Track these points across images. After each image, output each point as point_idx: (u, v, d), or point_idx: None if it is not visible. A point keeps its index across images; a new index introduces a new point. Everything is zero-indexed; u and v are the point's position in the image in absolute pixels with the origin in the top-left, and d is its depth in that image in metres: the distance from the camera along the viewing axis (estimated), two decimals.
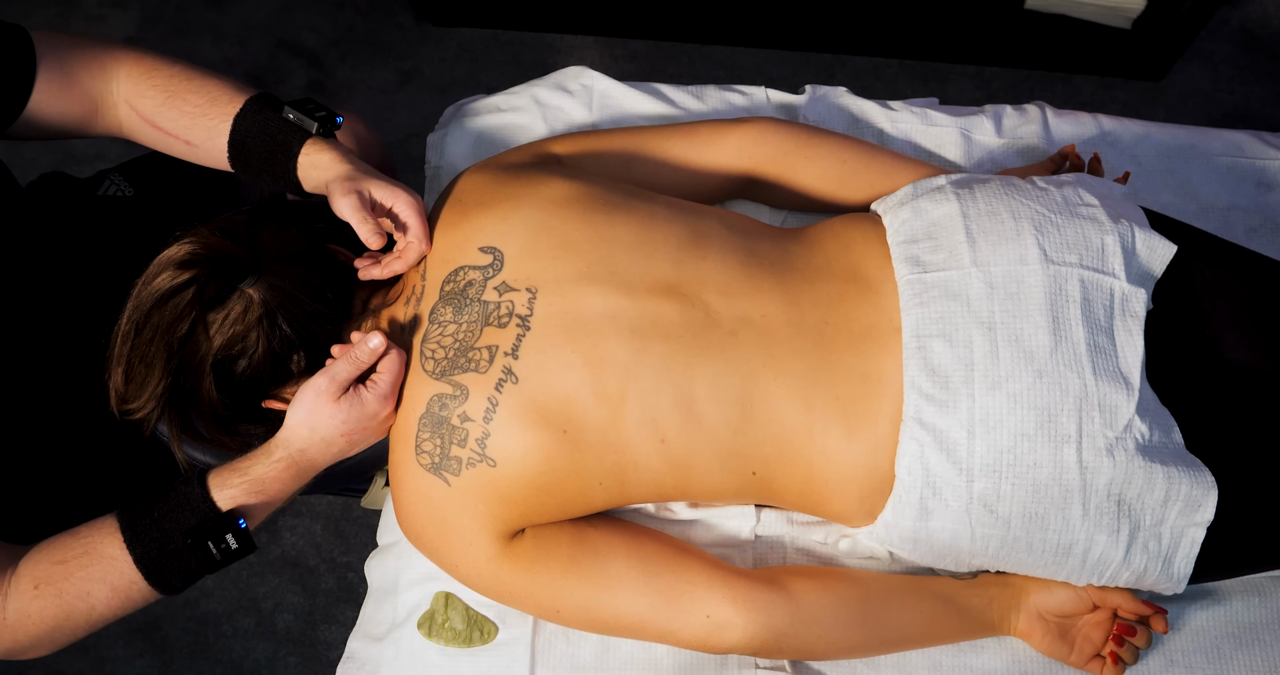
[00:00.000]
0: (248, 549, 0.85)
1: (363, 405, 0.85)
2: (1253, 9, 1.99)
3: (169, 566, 0.84)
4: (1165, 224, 0.96)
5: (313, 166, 0.92)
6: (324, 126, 0.94)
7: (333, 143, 0.94)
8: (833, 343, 0.88)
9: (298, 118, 0.94)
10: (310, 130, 0.93)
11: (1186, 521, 0.85)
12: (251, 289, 0.84)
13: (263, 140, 0.93)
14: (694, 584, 0.89)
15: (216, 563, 0.85)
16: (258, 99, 0.95)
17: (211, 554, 0.84)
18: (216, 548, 0.84)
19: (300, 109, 0.94)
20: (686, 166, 1.04)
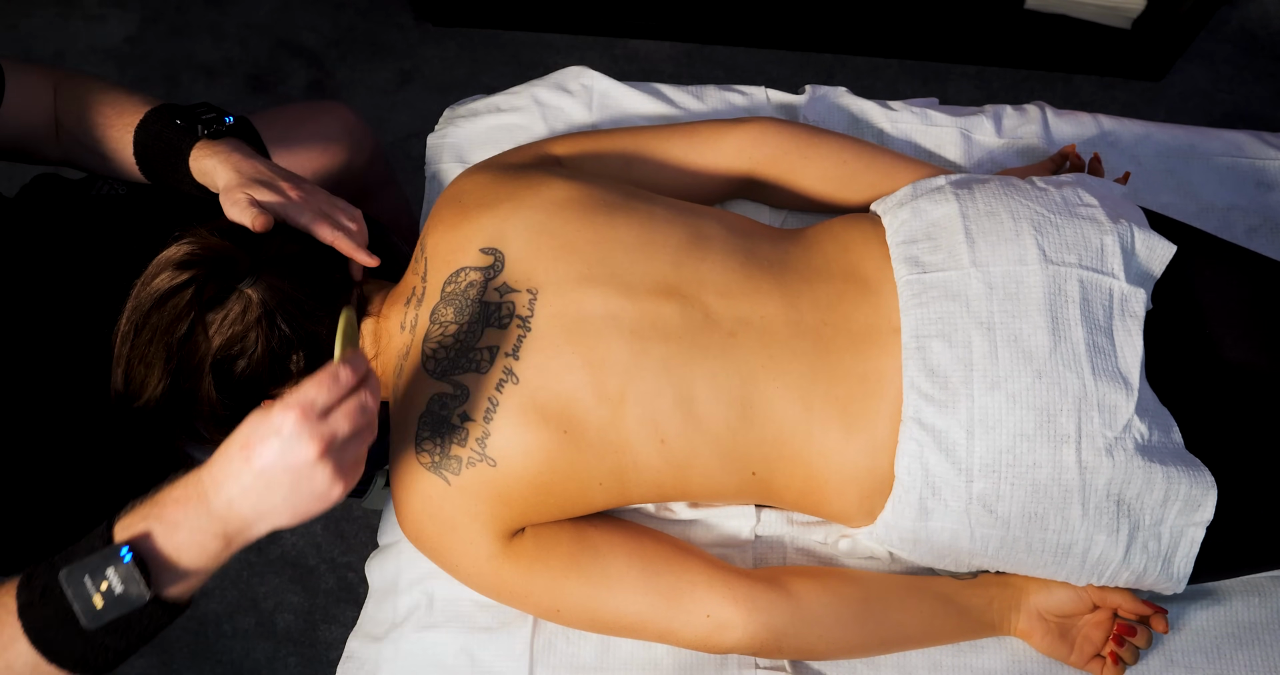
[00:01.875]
0: (132, 597, 0.65)
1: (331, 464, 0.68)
2: (1253, 9, 1.99)
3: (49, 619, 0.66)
4: (1165, 224, 0.96)
5: (202, 172, 0.92)
6: (208, 128, 0.95)
7: (224, 144, 0.94)
8: (832, 343, 0.88)
9: (185, 123, 0.95)
10: (197, 134, 0.94)
11: (1186, 521, 0.85)
12: (250, 289, 0.84)
13: (159, 148, 0.95)
14: (694, 584, 0.89)
15: (96, 614, 0.65)
16: (158, 109, 0.97)
17: (88, 602, 0.65)
18: (97, 588, 0.65)
19: (192, 114, 0.95)
20: (686, 167, 1.04)
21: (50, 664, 0.66)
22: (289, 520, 0.69)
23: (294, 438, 0.66)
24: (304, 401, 0.67)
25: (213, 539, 0.68)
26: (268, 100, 2.01)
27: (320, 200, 0.90)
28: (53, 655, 0.66)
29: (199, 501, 0.68)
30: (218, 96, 2.01)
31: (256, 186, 0.87)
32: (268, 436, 0.66)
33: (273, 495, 0.67)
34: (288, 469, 0.67)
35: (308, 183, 0.92)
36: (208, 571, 0.70)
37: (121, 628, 0.67)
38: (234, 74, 2.03)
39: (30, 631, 0.66)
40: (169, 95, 2.00)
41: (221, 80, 2.02)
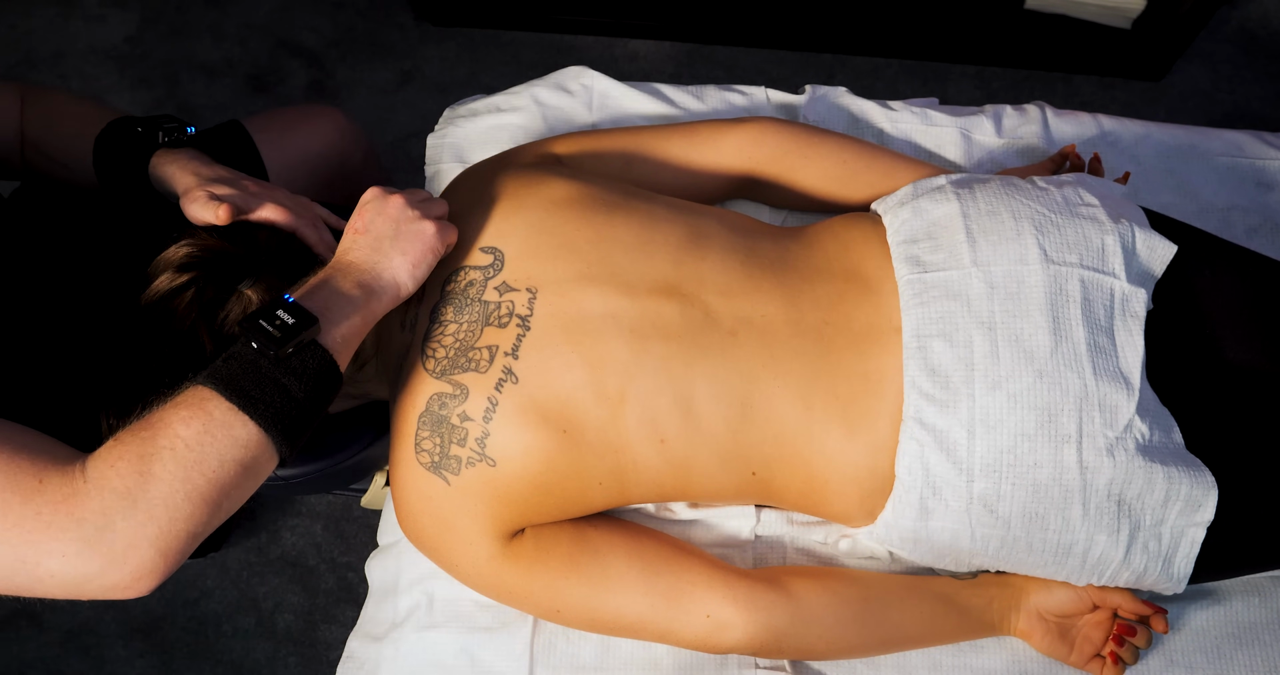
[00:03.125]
0: (306, 322, 0.74)
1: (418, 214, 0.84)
2: (1253, 9, 1.99)
3: (233, 368, 0.72)
4: (1165, 224, 0.96)
5: (160, 180, 0.93)
6: (169, 136, 0.96)
7: (183, 153, 0.94)
8: (832, 342, 0.88)
9: (145, 132, 0.95)
10: (157, 142, 0.95)
11: (1186, 521, 0.85)
12: (250, 289, 0.84)
13: (118, 156, 0.95)
14: (694, 584, 0.89)
15: (277, 341, 0.72)
16: (120, 119, 0.97)
17: (269, 333, 0.72)
18: (271, 324, 0.72)
19: (153, 123, 0.96)
20: (686, 166, 1.04)
21: (244, 413, 0.71)
22: (404, 261, 0.82)
23: (382, 198, 0.84)
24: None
25: (351, 287, 0.79)
26: (268, 100, 2.01)
27: (280, 195, 0.91)
28: (246, 401, 0.71)
29: (328, 269, 0.81)
30: (218, 96, 2.01)
31: (215, 185, 0.88)
32: (363, 210, 0.83)
33: (383, 242, 0.82)
34: (387, 218, 0.83)
35: (266, 182, 0.92)
36: (359, 324, 0.79)
37: (296, 368, 0.73)
38: (234, 74, 2.03)
39: (220, 383, 0.71)
40: (169, 95, 2.01)
41: (221, 80, 2.02)
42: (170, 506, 0.68)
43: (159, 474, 0.68)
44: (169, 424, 0.70)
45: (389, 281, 0.81)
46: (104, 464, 0.69)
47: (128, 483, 0.68)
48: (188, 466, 0.69)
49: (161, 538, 0.68)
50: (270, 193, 0.90)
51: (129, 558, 0.67)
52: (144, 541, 0.67)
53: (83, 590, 0.68)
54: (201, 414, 0.70)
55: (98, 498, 0.67)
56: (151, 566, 0.68)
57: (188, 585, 1.65)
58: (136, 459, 0.68)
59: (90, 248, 1.03)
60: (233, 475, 0.70)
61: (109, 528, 0.67)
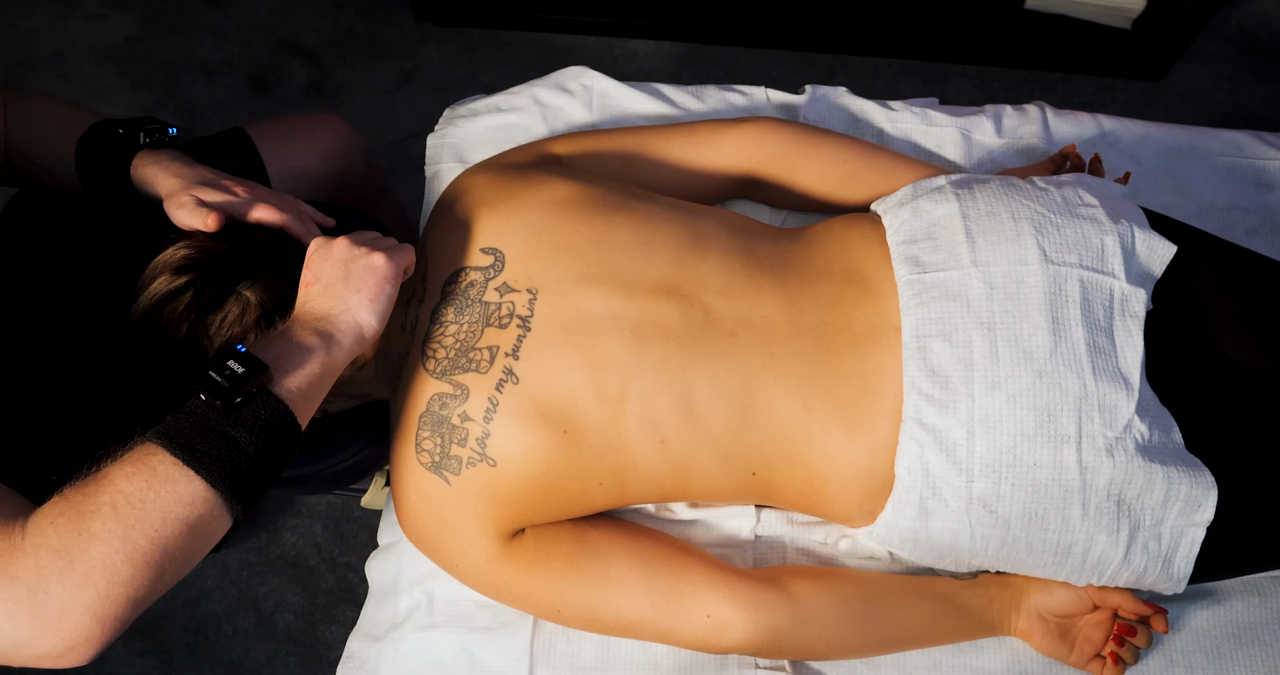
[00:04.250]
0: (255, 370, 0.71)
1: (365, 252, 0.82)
2: (1253, 9, 1.99)
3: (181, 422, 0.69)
4: (1165, 224, 0.96)
5: (142, 181, 0.93)
6: (150, 138, 0.95)
7: (164, 154, 0.94)
8: (832, 343, 0.88)
9: (127, 133, 0.95)
10: (138, 143, 0.95)
11: (1186, 521, 0.85)
12: (248, 291, 0.84)
13: (100, 158, 0.95)
14: (694, 584, 0.89)
15: (224, 390, 0.69)
16: (103, 122, 0.97)
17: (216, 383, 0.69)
18: (220, 375, 0.69)
19: (135, 125, 0.96)
20: (687, 166, 1.04)
21: (188, 467, 0.67)
22: (360, 299, 0.80)
23: (325, 246, 0.83)
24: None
25: (308, 336, 0.76)
26: (268, 100, 2.01)
27: (265, 194, 0.91)
28: (190, 455, 0.67)
29: (287, 322, 0.79)
30: (218, 97, 2.01)
31: (201, 188, 0.87)
32: (310, 263, 0.82)
33: (334, 286, 0.80)
34: (334, 262, 0.81)
35: (250, 182, 0.92)
36: (318, 374, 0.75)
37: (247, 420, 0.70)
38: (234, 74, 2.03)
39: (165, 437, 0.68)
40: (169, 95, 2.01)
41: (221, 80, 2.02)
42: (109, 568, 0.64)
43: (98, 532, 0.64)
44: (112, 480, 0.66)
45: (348, 324, 0.78)
46: (44, 520, 0.65)
47: (65, 541, 0.64)
48: (128, 525, 0.65)
49: (98, 603, 0.63)
50: (255, 191, 0.90)
51: (62, 624, 0.63)
52: (79, 606, 0.63)
53: (13, 656, 0.64)
54: (145, 469, 0.67)
55: (33, 556, 0.63)
56: (87, 634, 0.64)
57: (188, 585, 1.65)
58: (76, 515, 0.65)
59: (87, 256, 1.03)
60: (176, 534, 0.66)
61: (42, 589, 0.63)
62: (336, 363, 0.77)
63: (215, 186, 0.88)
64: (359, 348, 0.79)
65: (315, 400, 0.76)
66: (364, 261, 0.81)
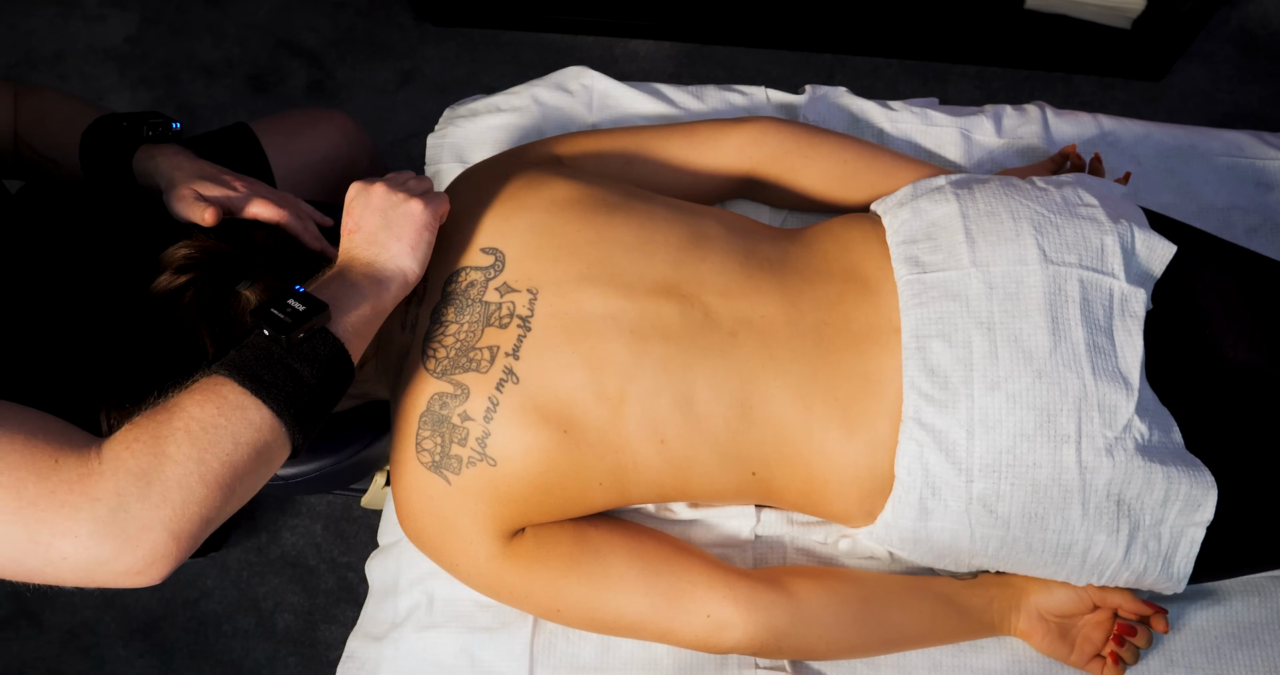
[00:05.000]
0: (316, 308, 0.75)
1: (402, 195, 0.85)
2: (1253, 9, 1.99)
3: (246, 356, 0.73)
4: (1165, 224, 0.96)
5: (144, 174, 0.94)
6: (153, 131, 0.96)
7: (167, 148, 0.95)
8: (832, 343, 0.88)
9: (131, 126, 0.96)
10: (141, 136, 0.95)
11: (1186, 521, 0.85)
12: (248, 290, 0.83)
13: (103, 151, 0.96)
14: (694, 584, 0.89)
15: (288, 326, 0.73)
16: (107, 115, 0.98)
17: (279, 319, 0.73)
18: (283, 312, 0.74)
19: (138, 119, 0.97)
20: (687, 167, 1.04)
21: (256, 396, 0.71)
22: (401, 247, 0.83)
23: (364, 192, 0.85)
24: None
25: (359, 278, 0.81)
26: (268, 100, 2.01)
27: (264, 190, 0.91)
28: (259, 384, 0.71)
29: (335, 267, 0.82)
30: (218, 96, 2.01)
31: (201, 182, 0.88)
32: (351, 209, 0.85)
33: (377, 234, 0.83)
34: (373, 210, 0.84)
35: (250, 178, 0.93)
36: (369, 314, 0.80)
37: (308, 354, 0.74)
38: (234, 74, 2.03)
39: (233, 369, 0.71)
40: (169, 95, 2.01)
41: (221, 80, 2.02)
42: (185, 488, 0.67)
43: (173, 455, 0.68)
44: (184, 407, 0.70)
45: (394, 270, 0.82)
46: (119, 445, 0.68)
47: (142, 463, 0.67)
48: (202, 448, 0.68)
49: (175, 520, 0.67)
50: (254, 188, 0.90)
51: (142, 540, 0.66)
52: (158, 524, 0.67)
53: (95, 575, 0.67)
54: (216, 397, 0.70)
55: (112, 478, 0.67)
56: (165, 551, 0.67)
57: (188, 585, 1.65)
58: (151, 440, 0.68)
59: (95, 245, 1.03)
60: (246, 459, 0.70)
61: (123, 508, 0.66)
62: (385, 306, 0.82)
63: (215, 181, 0.89)
64: (403, 292, 0.83)
65: (365, 339, 0.80)
66: (402, 209, 0.84)
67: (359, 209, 0.85)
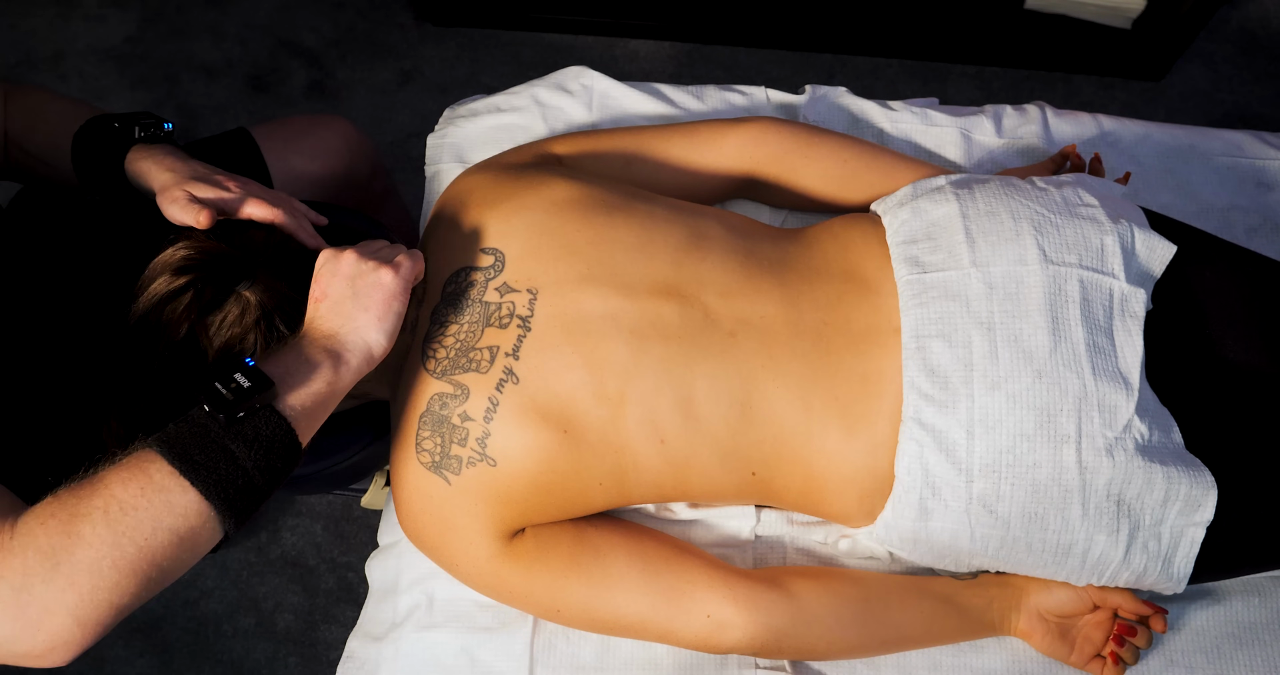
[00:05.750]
0: (261, 385, 0.71)
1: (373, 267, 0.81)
2: (1253, 9, 1.99)
3: (182, 431, 0.70)
4: (1165, 224, 0.96)
5: (136, 175, 0.93)
6: (145, 131, 0.95)
7: (159, 148, 0.94)
8: (832, 343, 0.88)
9: (122, 127, 0.95)
10: (133, 137, 0.95)
11: (1186, 521, 0.85)
12: (248, 291, 0.83)
13: (95, 152, 0.95)
14: (694, 584, 0.89)
15: (228, 403, 0.69)
16: (99, 116, 0.97)
17: (221, 395, 0.69)
18: (226, 387, 0.70)
19: (130, 120, 0.96)
20: (687, 166, 1.04)
21: (184, 478, 0.67)
22: (369, 318, 0.79)
23: (333, 260, 0.82)
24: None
25: (317, 354, 0.76)
26: (268, 100, 2.01)
27: (257, 189, 0.90)
28: (188, 465, 0.67)
29: (297, 337, 0.79)
30: (218, 96, 2.01)
31: (194, 183, 0.87)
32: (319, 277, 0.81)
33: (343, 304, 0.80)
34: (341, 278, 0.81)
35: (243, 178, 0.92)
36: (323, 392, 0.75)
37: (247, 435, 0.70)
38: (234, 74, 2.03)
39: (165, 445, 0.68)
40: (169, 95, 2.01)
41: (221, 80, 2.02)
42: (94, 573, 0.64)
43: (87, 536, 0.64)
44: (107, 484, 0.66)
45: (357, 344, 0.78)
46: (35, 521, 0.65)
47: (54, 542, 0.64)
48: (118, 532, 0.65)
49: (81, 607, 0.64)
50: (248, 188, 0.89)
51: (43, 625, 0.63)
52: (62, 609, 0.64)
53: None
54: (141, 476, 0.67)
55: (21, 556, 0.64)
56: (67, 637, 0.64)
57: (188, 585, 1.65)
58: (67, 518, 0.65)
59: (88, 255, 1.03)
60: (165, 544, 0.66)
61: (26, 590, 0.63)
62: (343, 382, 0.77)
63: (208, 182, 0.88)
64: (367, 367, 0.79)
65: (319, 418, 0.76)
66: (371, 278, 0.80)
67: (326, 276, 0.81)
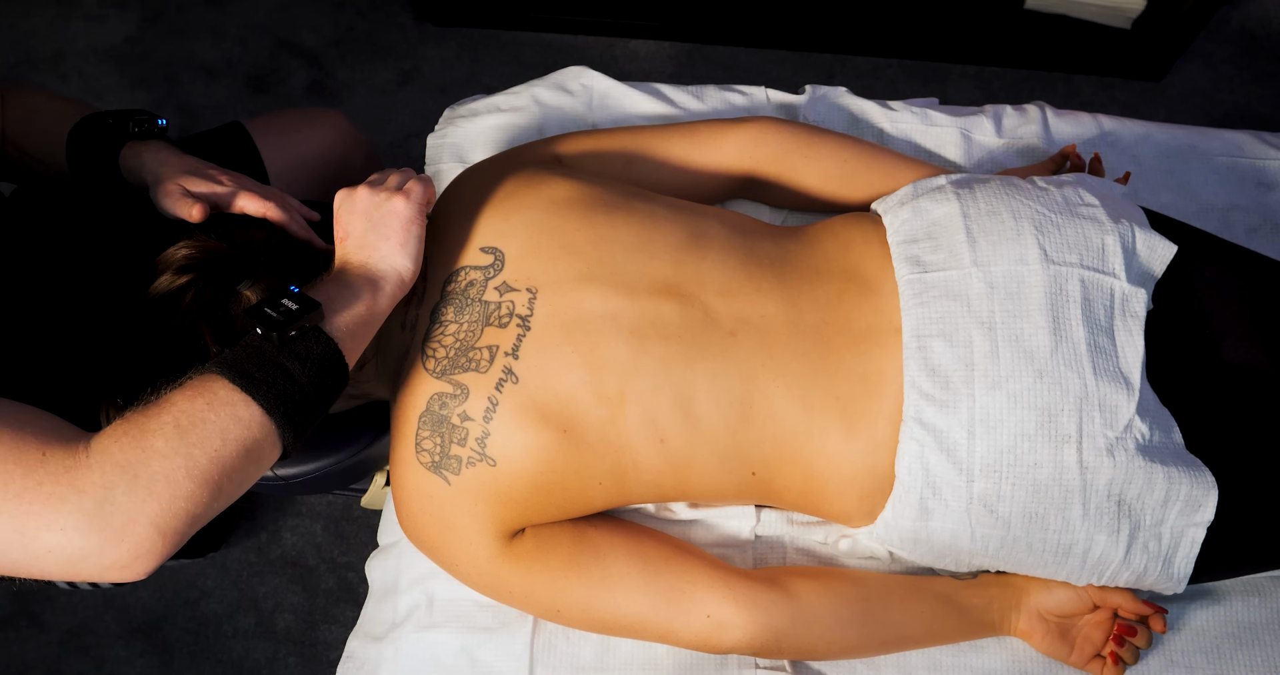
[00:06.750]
0: (309, 307, 0.75)
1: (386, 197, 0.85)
2: (1253, 9, 1.99)
3: (239, 353, 0.73)
4: (1165, 224, 0.96)
5: (130, 170, 0.93)
6: (139, 127, 0.96)
7: (153, 144, 0.95)
8: (832, 342, 0.88)
9: (117, 123, 0.96)
10: (127, 133, 0.95)
11: (1186, 521, 0.85)
12: (248, 290, 0.83)
13: (90, 149, 0.96)
14: (694, 584, 0.89)
15: (280, 324, 0.73)
16: (92, 115, 0.98)
17: (272, 318, 0.73)
18: (276, 311, 0.74)
19: (124, 116, 0.97)
20: (687, 166, 1.04)
21: (246, 393, 0.71)
22: (390, 246, 0.83)
23: (348, 199, 0.86)
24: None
25: (353, 280, 0.81)
26: (268, 100, 2.01)
27: (250, 184, 0.91)
28: (249, 381, 0.71)
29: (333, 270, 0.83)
30: (217, 96, 2.01)
31: (187, 178, 0.88)
32: (338, 217, 0.85)
33: (365, 237, 0.84)
34: (357, 214, 0.85)
35: (236, 173, 0.92)
36: (364, 315, 0.80)
37: (300, 353, 0.74)
38: (234, 74, 2.03)
39: (225, 366, 0.72)
40: (169, 95, 2.01)
41: (221, 80, 2.02)
42: (171, 483, 0.67)
43: (161, 448, 0.67)
44: (173, 402, 0.70)
45: (387, 271, 0.83)
46: (108, 439, 0.68)
47: (129, 456, 0.67)
48: (190, 443, 0.68)
49: (161, 515, 0.67)
50: (240, 182, 0.90)
51: (127, 534, 0.66)
52: (143, 518, 0.66)
53: (79, 569, 0.67)
54: (206, 392, 0.70)
55: (99, 471, 0.66)
56: (150, 546, 0.67)
57: (188, 585, 1.65)
58: (140, 434, 0.68)
59: (92, 247, 1.03)
60: (234, 455, 0.70)
61: (109, 501, 0.66)
62: (381, 306, 0.82)
63: (201, 176, 0.89)
64: (400, 291, 0.84)
65: (362, 340, 0.80)
66: (386, 208, 0.84)
67: (345, 215, 0.85)
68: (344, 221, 0.85)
